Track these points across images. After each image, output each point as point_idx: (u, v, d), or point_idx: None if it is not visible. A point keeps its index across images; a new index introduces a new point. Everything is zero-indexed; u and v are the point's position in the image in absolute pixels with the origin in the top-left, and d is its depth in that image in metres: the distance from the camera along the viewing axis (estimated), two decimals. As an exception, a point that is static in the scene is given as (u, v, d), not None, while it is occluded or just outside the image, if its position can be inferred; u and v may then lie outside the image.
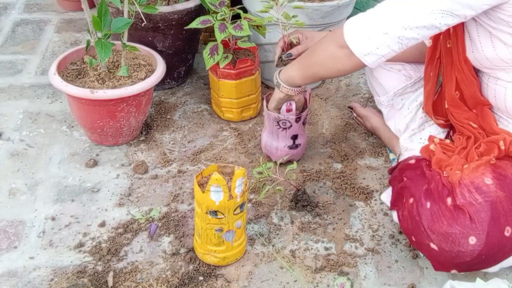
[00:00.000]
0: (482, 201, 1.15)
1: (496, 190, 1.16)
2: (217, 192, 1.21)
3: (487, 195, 1.16)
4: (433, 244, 1.19)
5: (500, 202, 1.15)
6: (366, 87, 2.05)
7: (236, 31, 1.65)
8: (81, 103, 1.58)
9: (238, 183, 1.22)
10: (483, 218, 1.14)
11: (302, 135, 1.61)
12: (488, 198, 1.15)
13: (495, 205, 1.15)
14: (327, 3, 1.77)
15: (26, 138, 1.74)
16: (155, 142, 1.75)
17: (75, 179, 1.60)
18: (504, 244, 1.16)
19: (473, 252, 1.15)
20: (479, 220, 1.14)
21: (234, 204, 1.24)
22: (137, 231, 1.44)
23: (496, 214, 1.14)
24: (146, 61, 1.73)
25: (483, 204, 1.15)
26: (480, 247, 1.14)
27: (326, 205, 1.54)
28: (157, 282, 1.30)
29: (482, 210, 1.15)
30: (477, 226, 1.14)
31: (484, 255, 1.15)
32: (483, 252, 1.15)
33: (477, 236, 1.14)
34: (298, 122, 1.55)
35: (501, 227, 1.15)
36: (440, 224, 1.18)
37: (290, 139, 1.58)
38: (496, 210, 1.15)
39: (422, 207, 1.23)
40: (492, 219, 1.14)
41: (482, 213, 1.14)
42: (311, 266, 1.36)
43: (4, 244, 1.39)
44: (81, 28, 2.36)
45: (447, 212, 1.18)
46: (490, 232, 1.14)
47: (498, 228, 1.14)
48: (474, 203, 1.15)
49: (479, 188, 1.17)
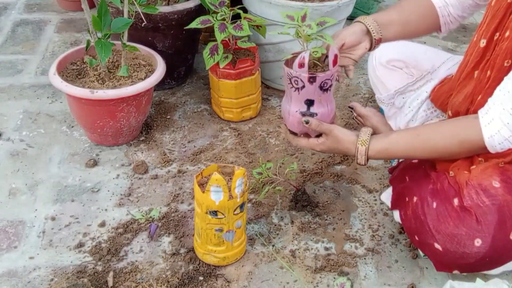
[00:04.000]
0: (489, 204, 1.14)
1: (503, 193, 1.16)
2: (217, 192, 1.21)
3: (494, 198, 1.15)
4: (438, 244, 1.19)
5: (508, 206, 1.14)
6: (366, 87, 2.05)
7: (236, 31, 1.65)
8: (81, 103, 1.58)
9: (238, 183, 1.22)
10: (489, 221, 1.14)
11: (322, 103, 1.31)
12: (496, 201, 1.14)
13: (502, 208, 1.14)
14: (327, 3, 1.77)
15: (26, 138, 1.74)
16: (155, 142, 1.75)
17: (75, 179, 1.60)
18: (509, 247, 1.15)
19: (478, 254, 1.15)
20: (485, 222, 1.14)
21: (234, 204, 1.24)
22: (137, 231, 1.44)
23: (503, 217, 1.14)
24: (146, 61, 1.73)
25: (490, 207, 1.14)
26: (485, 249, 1.14)
27: (326, 205, 1.54)
28: (157, 282, 1.30)
29: (489, 213, 1.14)
30: (483, 228, 1.14)
31: (488, 257, 1.15)
32: (488, 254, 1.14)
33: (482, 238, 1.14)
34: (313, 83, 1.26)
35: (507, 230, 1.14)
36: (446, 225, 1.18)
37: (304, 104, 1.31)
38: (503, 213, 1.14)
39: (428, 206, 1.22)
40: (499, 222, 1.13)
41: (489, 216, 1.14)
42: (311, 266, 1.36)
43: (4, 244, 1.39)
44: (81, 28, 2.36)
45: (453, 213, 1.18)
46: (496, 235, 1.13)
47: (504, 232, 1.14)
48: (481, 205, 1.15)
49: (487, 190, 1.16)
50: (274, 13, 1.79)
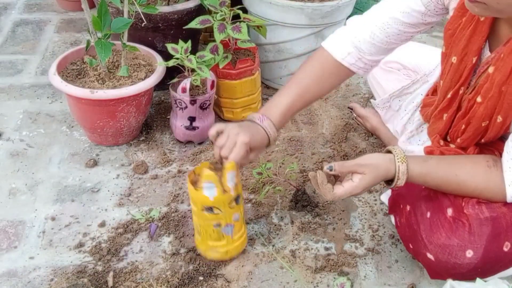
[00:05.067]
0: (488, 216, 1.14)
1: (500, 205, 1.15)
2: (210, 188, 1.22)
3: (493, 210, 1.14)
4: (430, 254, 1.18)
5: (504, 217, 1.14)
6: (366, 87, 2.05)
7: (234, 32, 1.65)
8: (81, 103, 1.58)
9: (230, 177, 1.22)
10: (483, 232, 1.13)
11: (202, 119, 1.66)
12: (494, 212, 1.14)
13: (499, 220, 1.14)
14: (327, 3, 1.77)
15: (26, 138, 1.74)
16: (155, 142, 1.75)
17: (75, 179, 1.60)
18: (501, 258, 1.15)
19: (469, 265, 1.14)
20: (479, 233, 1.13)
21: (228, 198, 1.24)
22: (137, 231, 1.44)
23: (498, 230, 1.13)
24: (146, 61, 1.73)
25: (488, 218, 1.13)
26: (476, 260, 1.13)
27: (326, 205, 1.54)
28: (157, 282, 1.30)
29: (485, 224, 1.13)
30: (476, 239, 1.13)
31: (480, 268, 1.14)
32: (479, 265, 1.14)
33: (474, 249, 1.13)
34: (194, 105, 1.61)
35: (500, 242, 1.14)
36: (438, 235, 1.17)
37: (187, 120, 1.65)
38: (499, 225, 1.13)
39: (422, 216, 1.22)
40: (492, 234, 1.13)
41: (484, 228, 1.13)
42: (311, 266, 1.36)
43: (4, 244, 1.39)
44: (81, 28, 2.36)
45: (446, 224, 1.17)
46: (488, 246, 1.13)
47: (497, 243, 1.13)
48: (480, 216, 1.14)
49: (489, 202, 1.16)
50: (274, 13, 1.79)
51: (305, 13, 1.76)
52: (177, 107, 1.64)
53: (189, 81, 1.59)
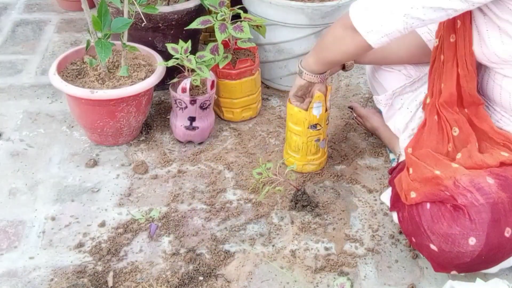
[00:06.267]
0: (483, 202, 1.15)
1: (498, 191, 1.16)
2: (318, 108, 1.49)
3: (488, 196, 1.15)
4: (433, 245, 1.19)
5: (502, 203, 1.15)
6: (366, 87, 2.05)
7: (236, 32, 1.65)
8: (81, 103, 1.58)
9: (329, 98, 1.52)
10: (483, 219, 1.14)
11: (202, 119, 1.68)
12: (490, 199, 1.15)
13: (496, 206, 1.14)
14: (327, 3, 1.77)
15: (26, 138, 1.74)
16: (155, 142, 1.75)
17: (75, 179, 1.60)
18: (504, 245, 1.16)
19: (473, 253, 1.15)
20: (479, 221, 1.14)
21: (327, 115, 1.54)
22: (137, 231, 1.44)
23: (497, 215, 1.14)
24: (146, 61, 1.73)
25: (484, 205, 1.14)
26: (479, 247, 1.14)
27: (326, 205, 1.54)
28: (157, 282, 1.30)
29: (483, 211, 1.14)
30: (477, 227, 1.14)
31: (484, 255, 1.15)
32: (483, 252, 1.15)
33: (477, 237, 1.14)
34: (194, 104, 1.62)
35: (501, 228, 1.14)
36: (440, 225, 1.18)
37: (187, 120, 1.66)
38: (497, 211, 1.14)
39: (422, 208, 1.23)
40: (493, 220, 1.14)
41: (483, 214, 1.14)
42: (311, 266, 1.36)
43: (4, 244, 1.39)
44: (81, 28, 2.36)
45: (446, 213, 1.18)
46: (490, 233, 1.14)
47: (498, 229, 1.14)
48: (475, 203, 1.15)
49: (481, 188, 1.16)
50: (274, 13, 1.79)
51: (305, 13, 1.76)
52: (177, 107, 1.65)
53: (189, 81, 1.59)
